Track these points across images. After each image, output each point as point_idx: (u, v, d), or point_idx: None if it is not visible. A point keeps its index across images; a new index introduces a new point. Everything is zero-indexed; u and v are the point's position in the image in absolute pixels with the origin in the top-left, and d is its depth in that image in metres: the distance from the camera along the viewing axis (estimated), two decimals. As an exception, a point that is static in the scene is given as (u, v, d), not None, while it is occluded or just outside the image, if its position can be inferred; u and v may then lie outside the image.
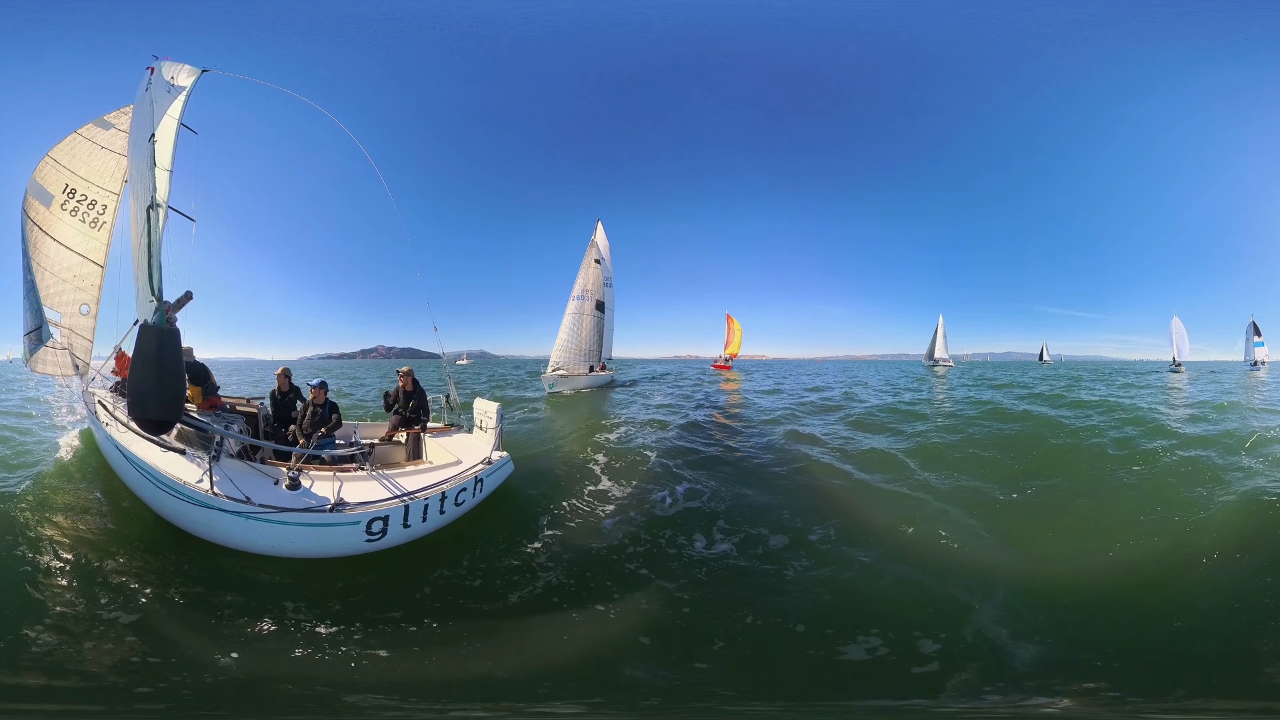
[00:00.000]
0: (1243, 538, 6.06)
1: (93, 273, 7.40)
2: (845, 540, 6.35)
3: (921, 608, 5.07)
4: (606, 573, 5.80)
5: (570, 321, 27.68)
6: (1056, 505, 7.51)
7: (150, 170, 5.60)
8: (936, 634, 4.66)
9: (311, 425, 6.91)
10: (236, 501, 4.92)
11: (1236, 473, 8.26)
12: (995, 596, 5.19)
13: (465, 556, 5.93)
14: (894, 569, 5.70)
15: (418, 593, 5.30)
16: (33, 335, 7.80)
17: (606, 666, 4.40)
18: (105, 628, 4.41)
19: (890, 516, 6.99)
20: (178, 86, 6.33)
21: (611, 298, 30.41)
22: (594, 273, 28.56)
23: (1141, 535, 6.41)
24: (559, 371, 25.70)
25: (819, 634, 4.76)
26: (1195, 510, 6.88)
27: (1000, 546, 6.34)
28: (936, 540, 6.38)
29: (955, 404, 18.26)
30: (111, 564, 5.24)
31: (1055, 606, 5.09)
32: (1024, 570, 5.77)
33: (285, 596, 4.99)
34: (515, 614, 5.10)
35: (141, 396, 4.79)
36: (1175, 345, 61.34)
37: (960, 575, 5.58)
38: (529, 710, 4.00)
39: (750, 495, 7.79)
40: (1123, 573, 5.70)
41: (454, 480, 6.11)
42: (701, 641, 4.73)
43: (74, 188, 7.39)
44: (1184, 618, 4.89)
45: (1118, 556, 6.03)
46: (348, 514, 5.13)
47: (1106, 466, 9.11)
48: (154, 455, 5.51)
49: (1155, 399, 19.25)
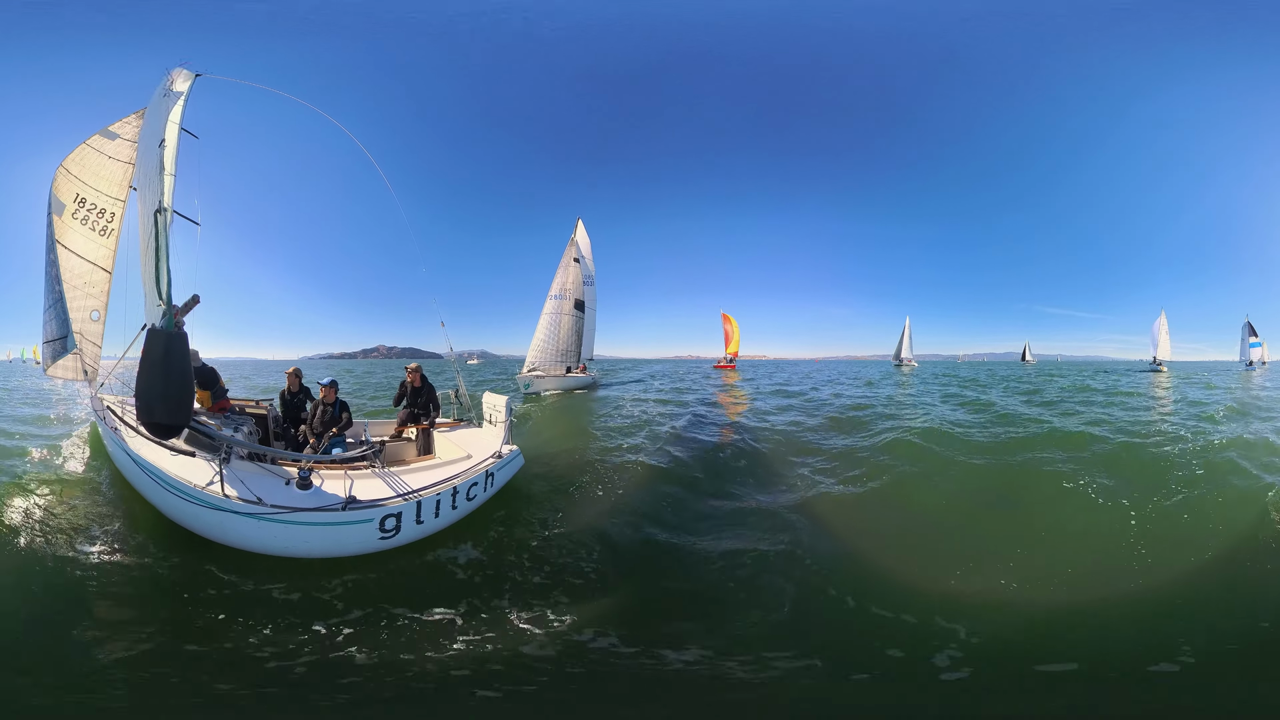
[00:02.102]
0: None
1: (101, 279, 7.50)
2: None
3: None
4: (609, 567, 5.87)
5: (548, 321, 27.21)
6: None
7: (159, 175, 5.66)
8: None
9: (322, 425, 6.94)
10: (248, 503, 4.97)
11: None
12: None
13: (474, 550, 5.99)
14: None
15: (428, 587, 5.36)
16: (56, 343, 7.91)
17: (613, 659, 4.47)
18: (111, 630, 4.45)
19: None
20: (175, 92, 6.39)
21: (593, 297, 29.75)
22: (573, 271, 28.08)
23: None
24: (535, 372, 25.29)
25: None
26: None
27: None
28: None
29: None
30: (118, 564, 5.30)
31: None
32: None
33: (292, 593, 5.05)
34: (524, 605, 5.15)
35: (149, 401, 4.83)
36: (1157, 344, 61.24)
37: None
38: (536, 700, 4.07)
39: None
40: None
41: (465, 475, 6.14)
42: (708, 634, 4.80)
43: (84, 197, 7.50)
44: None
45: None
46: (360, 512, 5.17)
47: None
48: (163, 459, 5.55)
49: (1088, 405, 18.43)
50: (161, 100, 6.27)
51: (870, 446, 10.73)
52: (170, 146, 5.78)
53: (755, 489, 8.24)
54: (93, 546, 5.52)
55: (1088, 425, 12.42)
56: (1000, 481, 8.48)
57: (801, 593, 5.40)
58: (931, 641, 4.54)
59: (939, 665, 4.30)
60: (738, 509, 7.37)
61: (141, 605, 4.81)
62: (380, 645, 4.49)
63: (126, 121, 7.89)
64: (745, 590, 5.48)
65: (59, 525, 5.88)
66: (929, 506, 7.59)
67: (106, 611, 4.67)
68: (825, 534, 6.59)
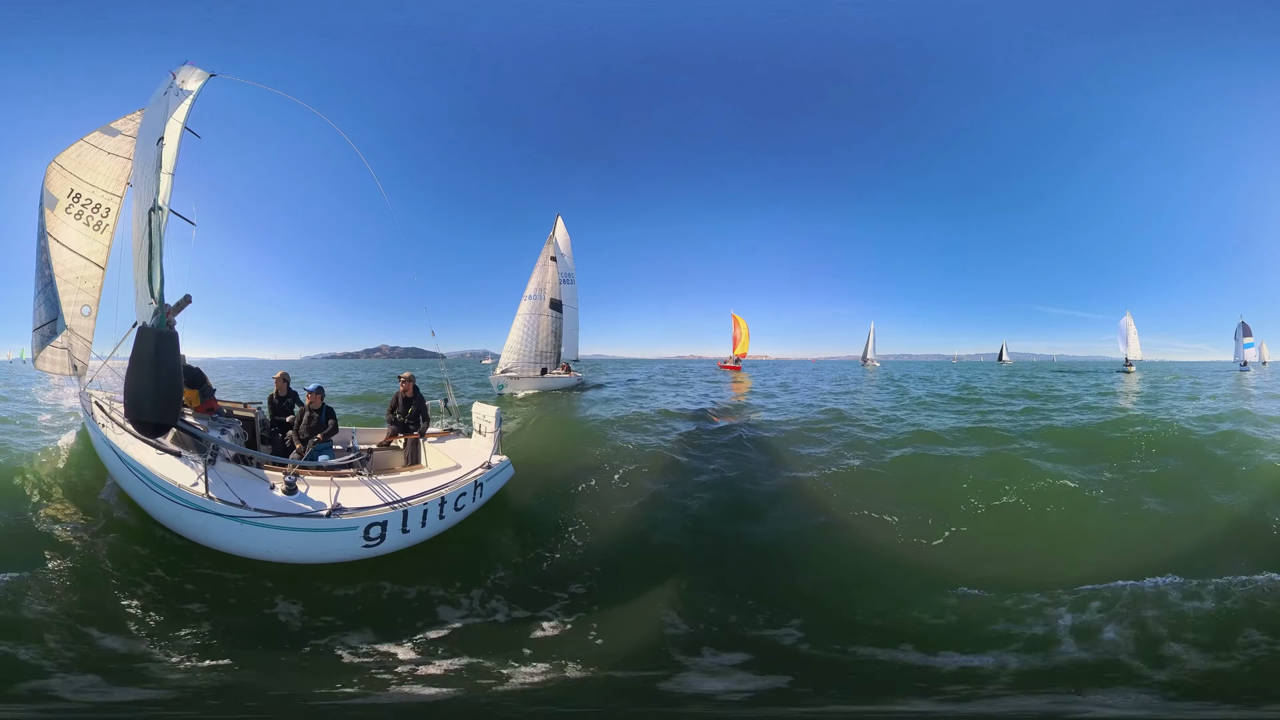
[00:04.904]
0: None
1: (94, 275, 7.46)
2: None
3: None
4: (601, 577, 5.81)
5: (523, 322, 26.55)
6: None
7: (155, 173, 5.64)
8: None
9: (308, 430, 6.88)
10: (232, 505, 4.93)
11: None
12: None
13: (464, 560, 5.94)
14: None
15: (415, 596, 5.31)
16: (45, 328, 7.86)
17: (608, 666, 4.41)
18: (92, 631, 4.43)
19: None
20: (185, 90, 6.37)
21: (573, 296, 29.23)
22: (550, 270, 27.64)
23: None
24: (509, 373, 24.94)
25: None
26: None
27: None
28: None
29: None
30: (100, 564, 5.27)
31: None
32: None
33: (279, 600, 5.01)
34: (517, 617, 5.13)
35: (138, 399, 4.77)
36: (1127, 344, 60.77)
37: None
38: (530, 710, 4.02)
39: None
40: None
41: (453, 485, 6.10)
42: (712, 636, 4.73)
43: (78, 192, 7.48)
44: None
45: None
46: (345, 519, 5.12)
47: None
48: (149, 458, 5.52)
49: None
50: (161, 99, 6.26)
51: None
52: (170, 145, 5.76)
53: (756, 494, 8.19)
54: (67, 540, 5.49)
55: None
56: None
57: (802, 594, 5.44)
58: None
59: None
60: (737, 512, 7.32)
61: (113, 602, 4.76)
62: (362, 655, 4.44)
63: (130, 118, 7.88)
64: (749, 596, 5.44)
65: (39, 518, 5.84)
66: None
67: (70, 612, 4.62)
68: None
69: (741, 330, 61.38)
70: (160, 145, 5.71)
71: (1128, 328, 60.97)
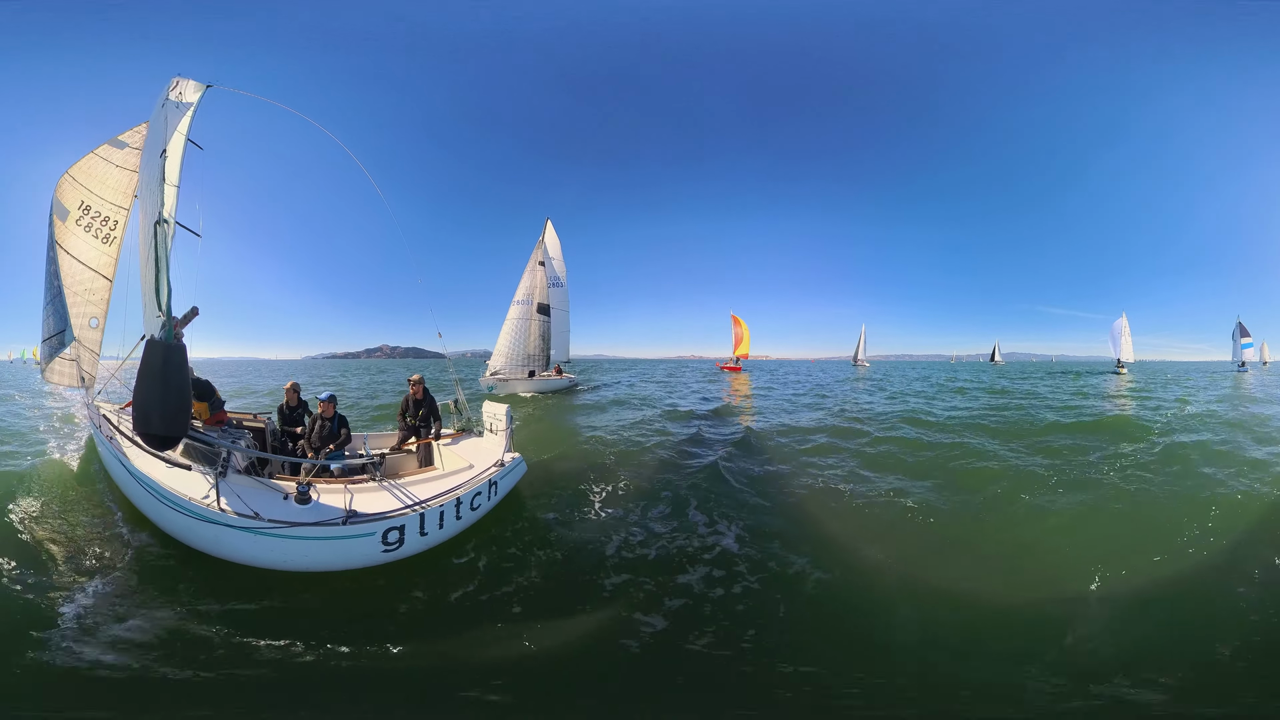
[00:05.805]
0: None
1: (102, 287, 7.48)
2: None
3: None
4: (613, 570, 5.82)
5: (511, 327, 27.25)
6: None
7: (160, 185, 5.65)
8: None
9: (320, 440, 6.85)
10: (244, 517, 4.93)
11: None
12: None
13: (481, 560, 5.94)
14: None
15: (432, 598, 5.30)
16: (54, 340, 7.88)
17: (623, 665, 4.46)
18: (103, 642, 4.42)
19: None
20: (185, 103, 6.36)
21: (562, 299, 29.73)
22: (539, 275, 28.14)
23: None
24: (497, 376, 25.52)
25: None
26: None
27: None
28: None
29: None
30: (111, 579, 5.26)
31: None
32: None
33: (294, 607, 5.00)
34: (528, 615, 5.13)
35: (146, 412, 4.78)
36: (1119, 345, 61.69)
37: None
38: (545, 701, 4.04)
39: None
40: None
41: (468, 485, 6.09)
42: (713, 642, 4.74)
43: (89, 204, 7.52)
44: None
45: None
46: (362, 525, 5.11)
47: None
48: (159, 471, 5.51)
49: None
50: (160, 110, 6.25)
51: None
52: (174, 158, 5.76)
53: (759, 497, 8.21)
54: (77, 553, 5.48)
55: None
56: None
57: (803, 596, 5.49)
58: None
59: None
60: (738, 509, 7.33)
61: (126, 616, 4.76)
62: (384, 651, 4.45)
63: (136, 131, 7.91)
64: (750, 596, 5.46)
65: (45, 531, 5.84)
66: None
67: (80, 623, 4.61)
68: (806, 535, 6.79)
69: (743, 331, 61.57)
70: (164, 158, 5.72)
71: (1120, 330, 61.99)
